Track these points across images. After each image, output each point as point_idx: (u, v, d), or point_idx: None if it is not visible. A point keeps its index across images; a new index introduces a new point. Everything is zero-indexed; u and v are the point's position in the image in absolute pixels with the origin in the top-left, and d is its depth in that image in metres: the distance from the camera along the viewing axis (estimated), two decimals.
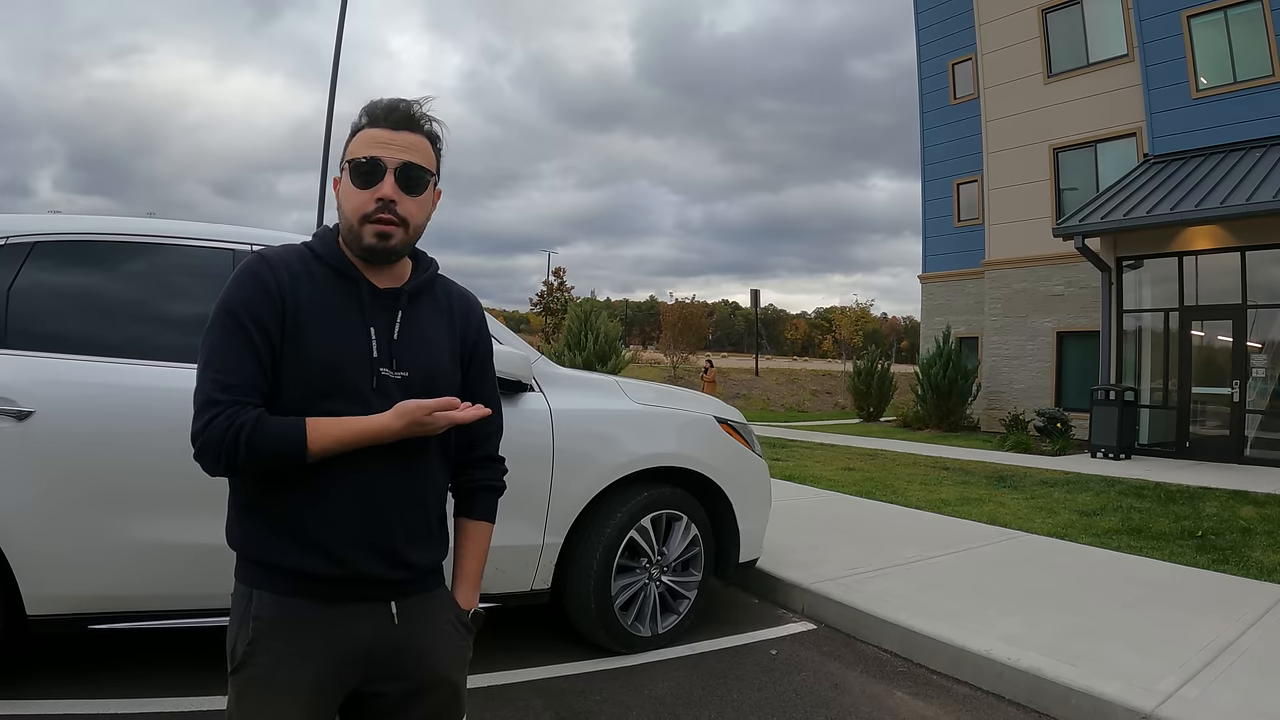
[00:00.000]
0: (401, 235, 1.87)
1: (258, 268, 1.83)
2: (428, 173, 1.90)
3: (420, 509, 1.92)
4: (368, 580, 1.83)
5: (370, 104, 1.90)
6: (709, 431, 5.12)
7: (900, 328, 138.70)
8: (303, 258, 1.89)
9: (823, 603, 5.48)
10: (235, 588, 1.87)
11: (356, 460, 1.78)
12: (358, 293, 1.88)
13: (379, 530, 1.83)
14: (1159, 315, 16.60)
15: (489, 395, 2.13)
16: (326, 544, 1.78)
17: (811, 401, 36.01)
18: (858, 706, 4.16)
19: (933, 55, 26.86)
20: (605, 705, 4.05)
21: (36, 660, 4.10)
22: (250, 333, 1.76)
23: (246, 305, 1.77)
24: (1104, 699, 3.91)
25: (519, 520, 4.35)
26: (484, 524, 2.17)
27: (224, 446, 1.68)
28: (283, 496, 1.79)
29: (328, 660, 1.78)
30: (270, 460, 1.72)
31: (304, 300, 1.82)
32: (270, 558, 1.79)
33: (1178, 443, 15.92)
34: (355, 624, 1.81)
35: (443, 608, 1.99)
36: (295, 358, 1.79)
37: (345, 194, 1.87)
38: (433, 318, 2.00)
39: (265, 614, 1.78)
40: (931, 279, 26.77)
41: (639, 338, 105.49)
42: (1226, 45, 16.31)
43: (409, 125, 1.88)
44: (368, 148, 1.84)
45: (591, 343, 19.60)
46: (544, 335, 53.16)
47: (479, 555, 2.14)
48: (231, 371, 1.74)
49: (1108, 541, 7.40)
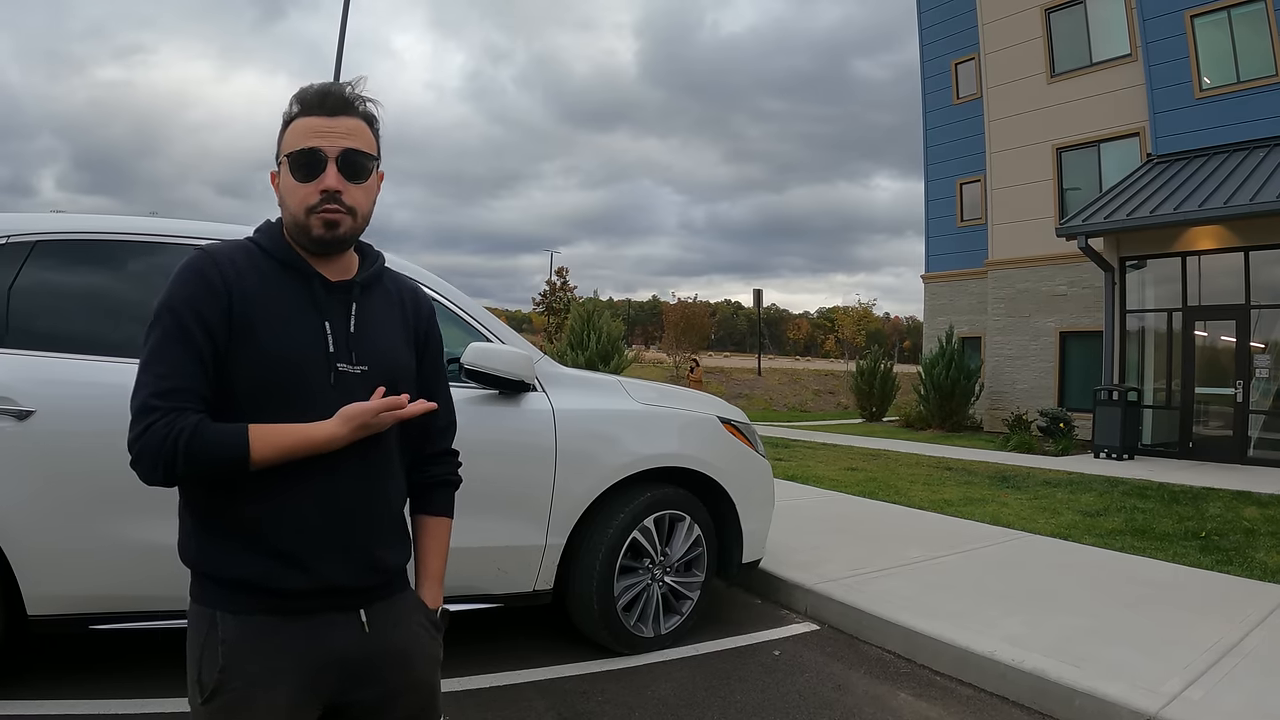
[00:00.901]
0: (350, 223, 1.81)
1: (201, 264, 1.75)
2: (370, 158, 1.83)
3: (385, 507, 1.87)
4: (340, 589, 1.77)
5: (300, 91, 1.82)
6: (712, 431, 5.11)
7: (903, 328, 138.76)
8: (249, 253, 1.82)
9: (826, 603, 5.46)
10: (192, 609, 1.77)
11: (315, 462, 1.72)
12: (309, 286, 1.82)
13: (348, 534, 1.77)
14: (1162, 315, 16.58)
15: (443, 388, 2.09)
16: (296, 553, 1.71)
17: (814, 401, 36.02)
18: (861, 708, 4.15)
19: (936, 55, 26.84)
20: (608, 706, 4.04)
21: (38, 660, 4.10)
22: (192, 333, 1.68)
23: (189, 304, 1.70)
24: (1108, 700, 3.89)
25: (522, 520, 4.35)
26: (444, 519, 2.13)
27: (161, 454, 1.61)
28: (242, 506, 1.71)
29: (302, 676, 1.72)
30: (209, 468, 1.65)
31: (252, 296, 1.75)
32: (234, 574, 1.71)
33: (1181, 443, 15.90)
34: (327, 636, 1.76)
35: (411, 609, 1.95)
36: (245, 356, 1.71)
37: (287, 188, 1.80)
38: (385, 310, 1.95)
39: (232, 637, 1.70)
40: (934, 279, 26.76)
41: (641, 338, 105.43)
42: (1230, 45, 16.29)
43: (345, 109, 1.81)
44: (305, 138, 1.77)
45: (594, 342, 19.63)
46: (546, 335, 53.18)
47: (441, 552, 2.11)
48: (171, 375, 1.66)
49: (1111, 542, 7.38)
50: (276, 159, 1.83)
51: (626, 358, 21.20)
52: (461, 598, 4.31)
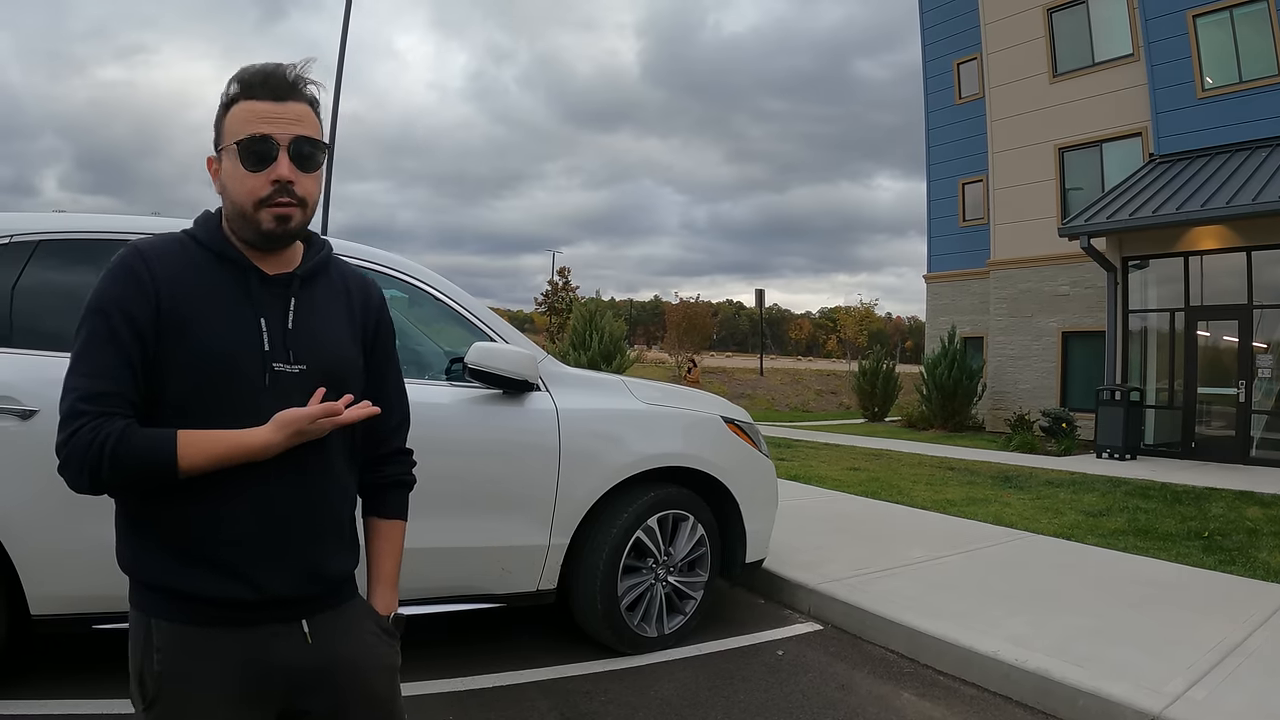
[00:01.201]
0: (300, 216, 1.73)
1: (131, 261, 1.67)
2: (321, 146, 1.76)
3: (327, 514, 1.78)
4: (280, 600, 1.69)
5: (243, 71, 1.72)
6: (716, 431, 5.11)
7: (905, 328, 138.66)
8: (183, 246, 1.74)
9: (829, 603, 5.46)
10: (131, 614, 1.71)
11: (249, 469, 1.64)
12: (245, 281, 1.73)
13: (285, 543, 1.70)
14: (1164, 315, 16.57)
15: (394, 384, 2.01)
16: (231, 563, 1.65)
17: (816, 401, 35.99)
18: (865, 707, 4.15)
19: (938, 55, 26.85)
20: (611, 706, 4.04)
21: (41, 660, 4.10)
22: (121, 335, 1.61)
23: (118, 304, 1.62)
24: (1112, 700, 3.89)
25: (525, 520, 4.35)
26: (397, 522, 2.02)
27: (87, 460, 1.54)
28: (175, 513, 1.64)
29: (243, 687, 1.65)
30: (136, 476, 1.58)
31: (184, 293, 1.66)
32: (168, 582, 1.65)
33: (1183, 443, 15.90)
34: (268, 647, 1.68)
35: (361, 617, 1.86)
36: (177, 357, 1.64)
37: (235, 178, 1.70)
38: (329, 303, 1.85)
39: (168, 645, 1.64)
40: (936, 279, 26.75)
41: (643, 337, 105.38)
42: (1232, 45, 16.28)
43: (291, 93, 1.71)
44: (254, 124, 1.67)
45: (596, 342, 19.66)
46: (549, 335, 53.15)
47: (394, 555, 1.99)
48: (99, 378, 1.59)
49: (1114, 542, 7.38)
50: (216, 145, 1.74)
51: (629, 358, 21.23)
52: (465, 597, 4.32)
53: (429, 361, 4.72)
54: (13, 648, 3.61)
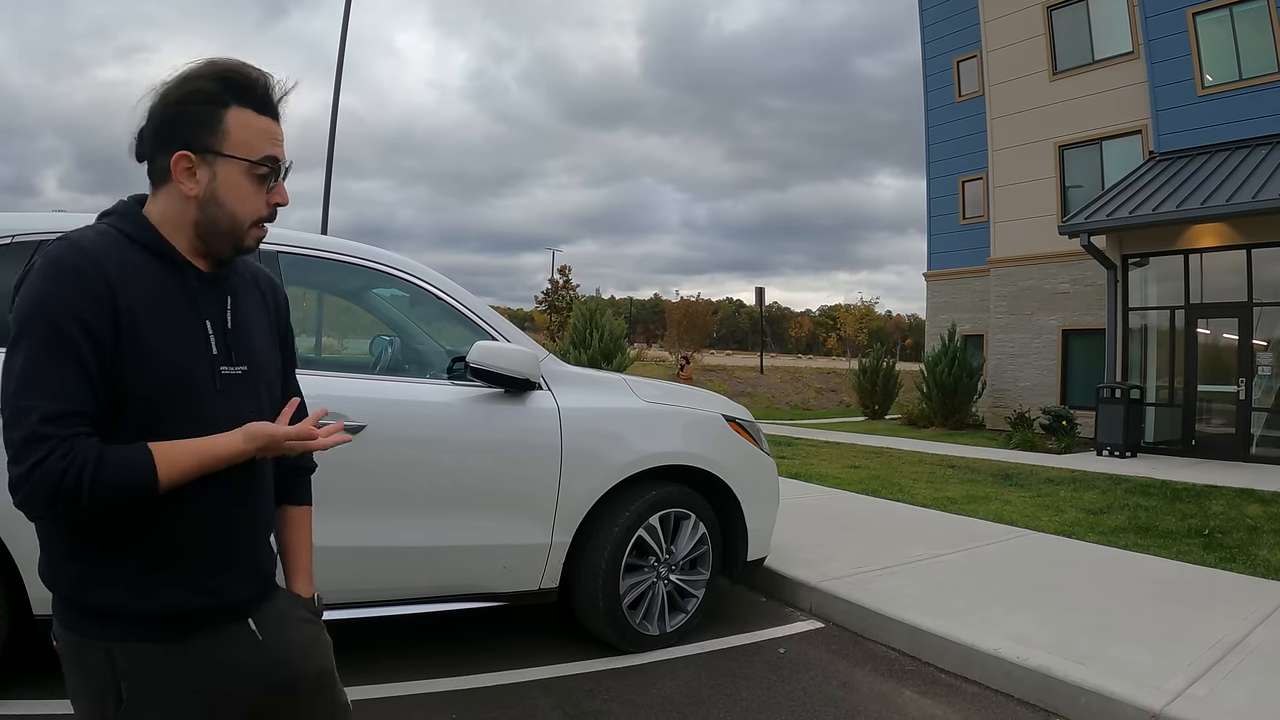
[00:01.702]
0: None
1: (77, 260, 1.50)
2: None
3: (267, 514, 1.81)
4: (235, 603, 1.68)
5: (230, 71, 1.63)
6: (717, 429, 5.12)
7: (905, 325, 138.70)
8: (119, 244, 1.59)
9: (830, 601, 5.47)
10: (73, 642, 1.61)
11: (209, 477, 1.58)
12: (184, 281, 1.64)
13: (242, 547, 1.70)
14: (1164, 313, 16.58)
15: (292, 375, 1.98)
16: (194, 574, 1.62)
17: (816, 399, 35.97)
18: (866, 705, 4.16)
19: (938, 53, 26.86)
20: (613, 704, 4.05)
21: (45, 659, 4.10)
22: (78, 345, 1.46)
23: (71, 310, 1.46)
24: (1113, 698, 3.90)
25: (527, 518, 4.36)
26: (306, 508, 2.02)
27: (61, 490, 1.40)
28: (131, 530, 1.56)
29: (209, 697, 1.63)
30: (117, 500, 1.47)
31: (136, 299, 1.54)
32: (137, 607, 1.57)
33: (1183, 441, 15.90)
34: (226, 651, 1.66)
35: (290, 605, 1.85)
36: (134, 367, 1.52)
37: (240, 194, 1.64)
38: (250, 302, 1.80)
39: (133, 668, 1.56)
40: (936, 277, 26.77)
41: (644, 336, 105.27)
42: (1232, 42, 16.28)
43: (277, 114, 1.70)
44: (267, 144, 1.65)
45: (596, 341, 19.64)
46: (549, 333, 53.16)
47: (308, 541, 2.01)
48: (59, 397, 1.44)
49: (1114, 540, 7.39)
50: (202, 146, 1.61)
51: (629, 356, 21.21)
52: (467, 596, 4.33)
53: (430, 360, 4.73)
54: (15, 647, 3.61)
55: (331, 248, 4.31)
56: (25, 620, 3.52)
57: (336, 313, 6.35)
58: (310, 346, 7.08)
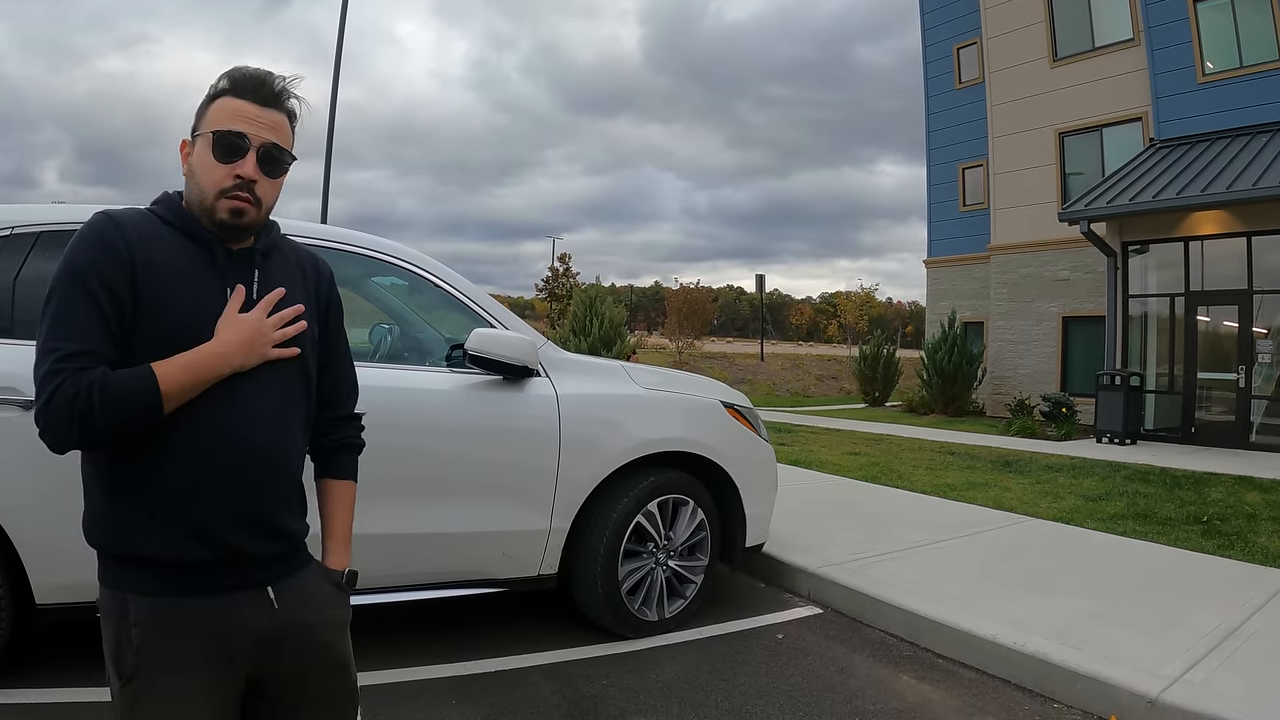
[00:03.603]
0: (254, 215, 1.81)
1: (104, 229, 1.71)
2: (288, 155, 1.86)
3: (285, 472, 1.84)
4: (245, 558, 1.75)
5: (235, 70, 1.83)
6: (715, 416, 5.12)
7: (905, 313, 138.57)
8: (150, 220, 1.79)
9: (829, 587, 5.49)
10: (102, 594, 1.76)
11: (220, 429, 1.71)
12: (211, 253, 1.80)
13: (253, 500, 1.76)
14: (1164, 300, 16.56)
15: (344, 355, 2.10)
16: (203, 523, 1.70)
17: (816, 386, 36.00)
18: (864, 690, 4.17)
19: (938, 39, 26.76)
20: (613, 690, 4.07)
21: (49, 650, 4.12)
22: (98, 298, 1.64)
23: (94, 268, 1.66)
24: (1110, 683, 3.92)
25: (526, 505, 4.37)
26: (348, 482, 2.11)
27: (75, 410, 1.57)
28: (151, 475, 1.69)
29: (218, 656, 1.71)
30: (127, 415, 1.60)
31: (156, 260, 1.72)
32: (143, 550, 1.69)
33: (1183, 428, 15.91)
34: (239, 614, 1.74)
35: (319, 578, 1.94)
36: (151, 325, 1.68)
37: (203, 165, 1.78)
38: (287, 278, 1.92)
39: (144, 619, 1.69)
40: (937, 264, 26.73)
41: (644, 323, 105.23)
42: (1233, 29, 16.24)
43: (274, 102, 1.83)
44: (233, 120, 1.77)
45: (596, 328, 19.64)
46: (549, 321, 53.08)
47: (346, 515, 2.08)
48: (74, 339, 1.62)
49: (1113, 526, 7.40)
50: (193, 130, 1.82)
51: (629, 344, 21.21)
52: (466, 582, 4.34)
53: (429, 348, 4.73)
54: (19, 637, 3.63)
55: (330, 236, 4.30)
56: (29, 610, 3.53)
57: None
58: None
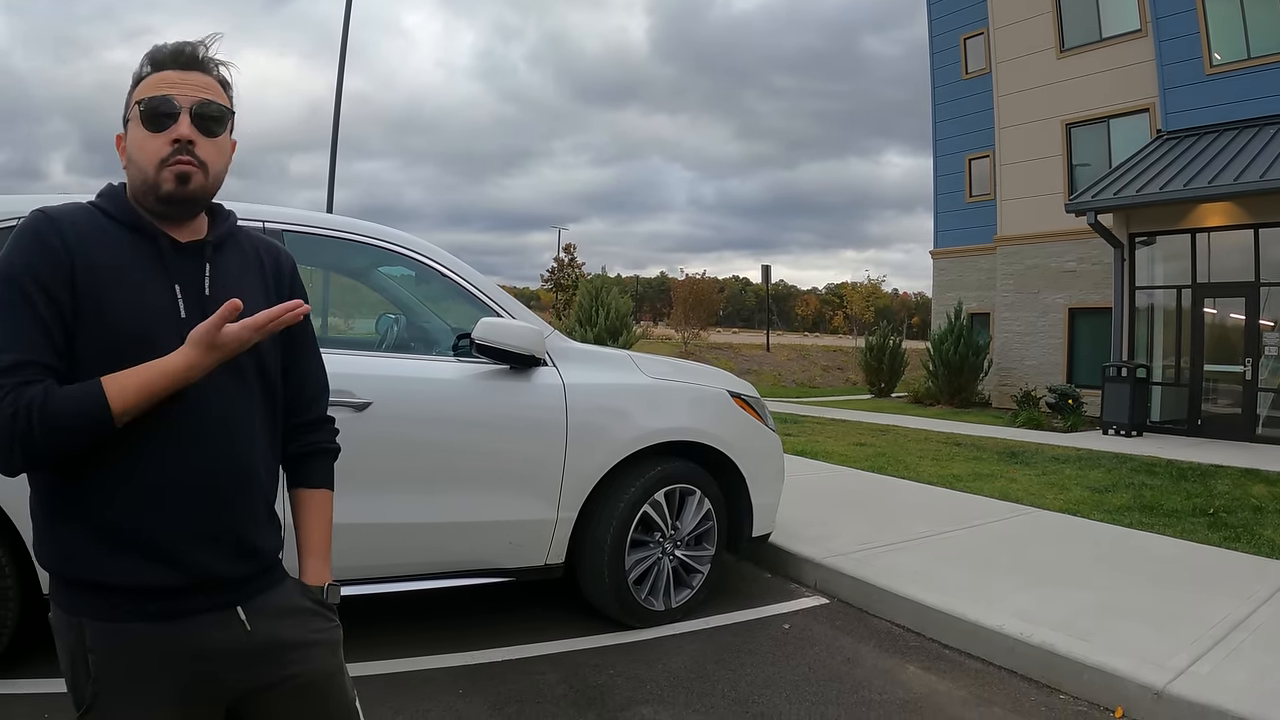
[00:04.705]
0: (201, 179, 1.67)
1: (40, 226, 1.59)
2: (227, 111, 1.72)
3: (253, 485, 1.72)
4: (213, 581, 1.63)
5: (153, 49, 1.71)
6: (722, 406, 5.13)
7: (912, 304, 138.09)
8: (90, 215, 1.66)
9: (835, 577, 5.49)
10: (55, 615, 1.64)
11: (175, 436, 1.59)
12: (156, 248, 1.67)
13: (215, 516, 1.63)
14: (1171, 292, 16.52)
15: (310, 352, 1.96)
16: (161, 543, 1.57)
17: (823, 377, 36.00)
18: (870, 680, 4.18)
19: (944, 30, 26.62)
20: (619, 679, 4.08)
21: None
22: (35, 303, 1.52)
23: (30, 271, 1.54)
24: (1116, 675, 3.92)
25: (533, 494, 4.38)
26: (324, 491, 1.95)
27: (15, 430, 1.43)
28: (98, 490, 1.56)
29: (183, 683, 1.59)
30: (71, 433, 1.47)
31: (97, 261, 1.59)
32: (96, 575, 1.56)
33: (1189, 420, 15.86)
34: (206, 639, 1.62)
35: (294, 595, 1.80)
36: (93, 328, 1.56)
37: (137, 142, 1.66)
38: (243, 271, 1.79)
39: (101, 646, 1.57)
40: (943, 255, 26.65)
41: (650, 314, 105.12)
42: (1240, 21, 16.14)
43: (198, 67, 1.70)
44: (155, 89, 1.66)
45: (602, 318, 19.66)
46: (555, 311, 53.07)
47: (324, 525, 1.93)
48: (15, 350, 1.49)
49: (1119, 518, 7.39)
50: (125, 117, 1.71)
51: (635, 334, 21.22)
52: (473, 572, 4.35)
53: (436, 338, 4.74)
54: (27, 628, 3.64)
55: (337, 226, 4.31)
56: (36, 601, 3.55)
57: (342, 291, 6.36)
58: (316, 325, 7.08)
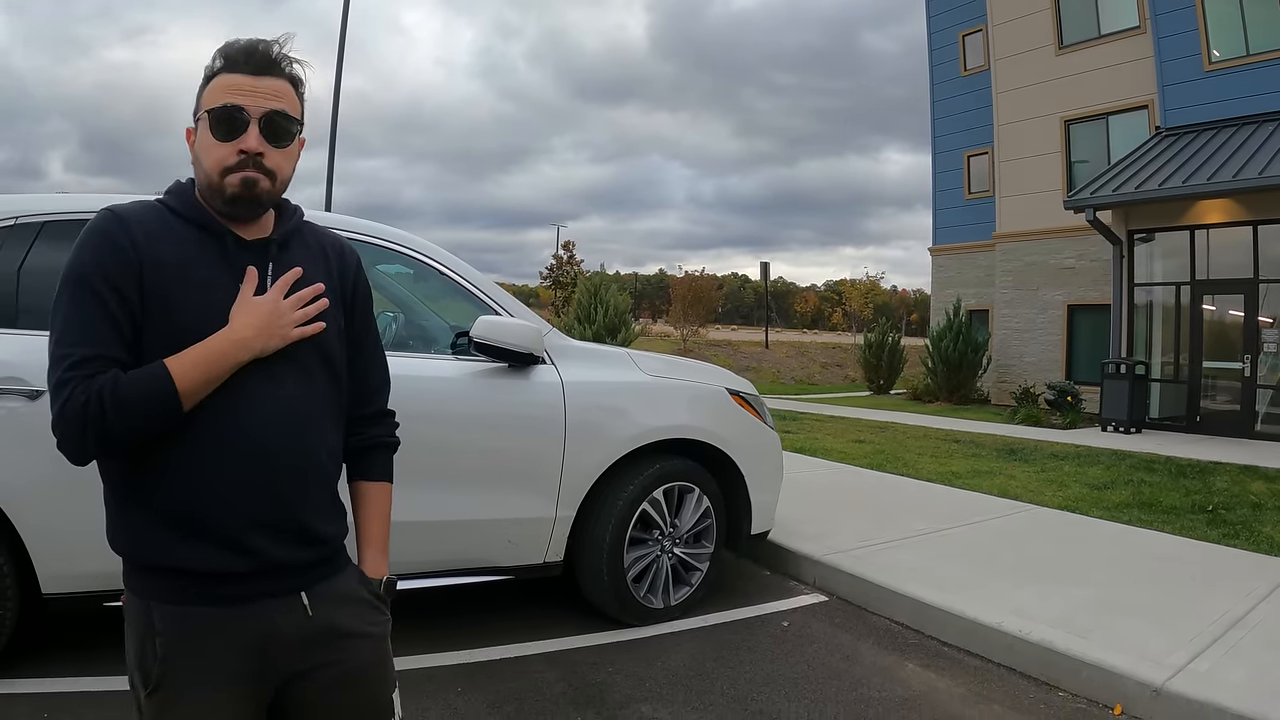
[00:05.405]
0: (268, 185, 1.70)
1: (109, 226, 1.63)
2: (295, 122, 1.74)
3: (317, 473, 1.74)
4: (278, 568, 1.66)
5: (225, 45, 1.71)
6: (721, 403, 5.12)
7: (910, 300, 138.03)
8: (159, 213, 1.70)
9: (834, 575, 5.49)
10: (127, 598, 1.68)
11: (241, 426, 1.61)
12: (222, 246, 1.70)
13: (283, 506, 1.66)
14: (1170, 289, 16.52)
15: (373, 346, 2.00)
16: (228, 531, 1.60)
17: (821, 374, 35.94)
18: (869, 678, 4.18)
19: (943, 26, 26.61)
20: (618, 677, 4.08)
21: (56, 640, 4.13)
22: (106, 301, 1.57)
23: (100, 269, 1.58)
24: (1114, 672, 3.92)
25: (531, 492, 4.37)
26: (384, 484, 2.01)
27: (88, 416, 1.50)
28: (167, 479, 1.60)
29: (246, 665, 1.62)
30: (143, 416, 1.53)
31: (164, 259, 1.63)
32: (166, 560, 1.61)
33: (1188, 417, 15.87)
34: (269, 623, 1.65)
35: (354, 584, 1.83)
36: (159, 324, 1.60)
37: (204, 147, 1.68)
38: (308, 267, 1.80)
39: (169, 628, 1.61)
40: (942, 251, 26.65)
41: (649, 311, 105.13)
42: (1239, 17, 16.14)
43: (271, 69, 1.71)
44: (227, 95, 1.66)
45: (601, 316, 19.63)
46: (554, 309, 53.01)
47: (383, 518, 1.99)
48: (85, 345, 1.55)
49: (1118, 515, 7.40)
50: (195, 115, 1.72)
51: (633, 331, 21.21)
52: (472, 570, 4.35)
53: (434, 336, 4.73)
54: (26, 626, 3.64)
55: (335, 224, 4.30)
56: (35, 600, 3.54)
57: None
58: None
